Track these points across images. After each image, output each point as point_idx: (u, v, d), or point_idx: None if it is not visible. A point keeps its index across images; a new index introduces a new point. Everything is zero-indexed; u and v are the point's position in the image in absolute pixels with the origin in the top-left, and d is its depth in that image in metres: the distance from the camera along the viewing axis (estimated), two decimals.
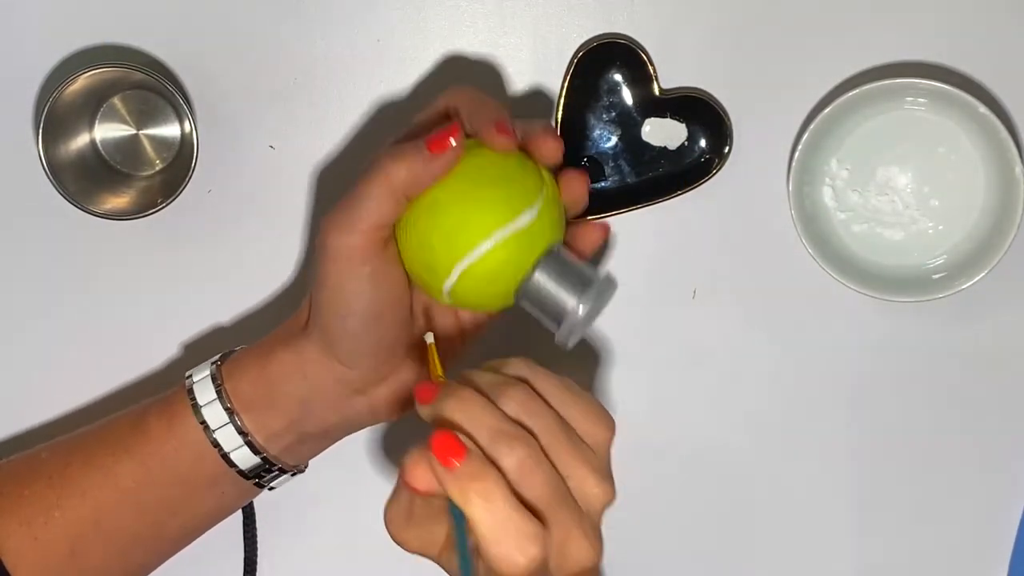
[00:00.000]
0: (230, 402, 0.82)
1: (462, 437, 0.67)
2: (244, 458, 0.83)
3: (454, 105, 0.81)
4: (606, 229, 0.81)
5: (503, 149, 0.77)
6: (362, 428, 0.85)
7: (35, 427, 0.95)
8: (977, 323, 0.94)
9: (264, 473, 0.84)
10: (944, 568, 0.96)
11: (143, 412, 0.84)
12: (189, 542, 0.87)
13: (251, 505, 0.91)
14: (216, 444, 0.82)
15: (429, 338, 0.76)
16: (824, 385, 0.95)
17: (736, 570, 0.97)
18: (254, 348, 0.84)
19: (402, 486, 0.70)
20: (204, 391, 0.83)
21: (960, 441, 0.95)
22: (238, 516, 0.91)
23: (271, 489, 0.86)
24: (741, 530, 0.96)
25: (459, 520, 0.67)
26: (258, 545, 0.93)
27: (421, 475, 0.67)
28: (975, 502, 0.96)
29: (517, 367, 0.71)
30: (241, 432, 0.82)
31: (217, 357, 0.85)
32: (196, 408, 0.82)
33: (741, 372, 0.95)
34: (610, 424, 0.71)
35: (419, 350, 0.82)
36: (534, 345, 0.79)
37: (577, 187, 0.80)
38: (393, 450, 0.95)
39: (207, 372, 0.83)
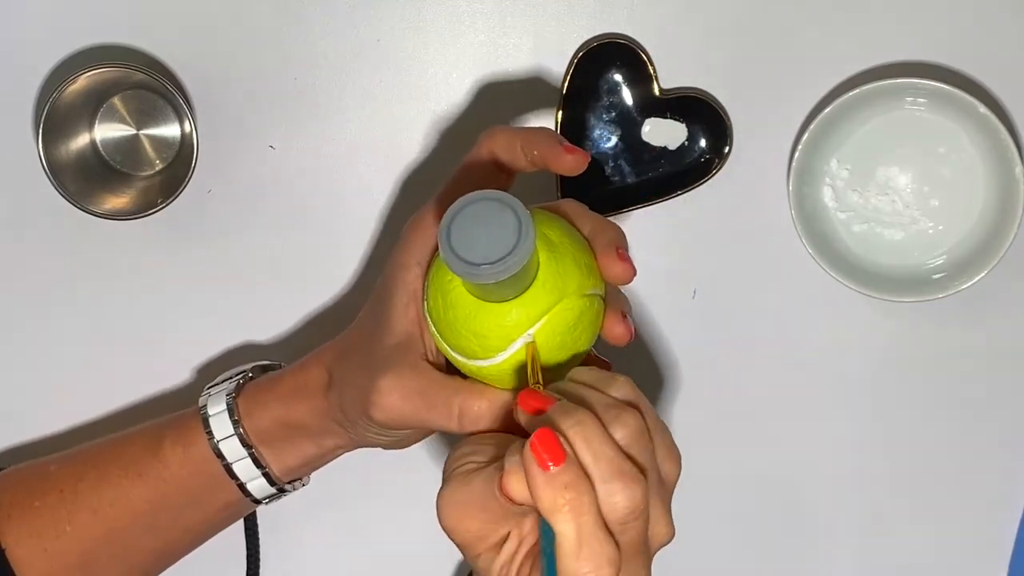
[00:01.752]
0: (249, 440, 0.82)
1: (563, 442, 0.64)
2: (260, 488, 0.83)
3: (495, 150, 0.77)
4: (630, 333, 0.76)
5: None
6: None
7: (34, 428, 0.94)
8: (977, 323, 0.94)
9: (275, 496, 0.85)
10: (944, 568, 0.96)
11: (158, 436, 0.84)
12: (195, 548, 0.87)
13: None
14: (233, 475, 0.82)
15: (528, 336, 0.70)
16: (824, 385, 0.95)
17: (736, 569, 0.97)
18: (273, 389, 0.83)
19: (478, 476, 0.68)
20: (221, 425, 0.82)
21: (960, 441, 0.95)
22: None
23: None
24: (739, 529, 0.96)
25: (547, 532, 0.64)
26: (260, 541, 0.93)
27: (518, 486, 0.64)
28: (975, 502, 0.96)
29: (625, 390, 0.68)
30: (259, 465, 0.82)
31: (232, 387, 0.83)
32: (212, 440, 0.82)
33: (741, 372, 0.95)
34: (680, 462, 0.70)
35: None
36: None
37: (619, 334, 0.74)
38: None
39: (223, 406, 0.83)
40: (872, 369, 0.95)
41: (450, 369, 0.75)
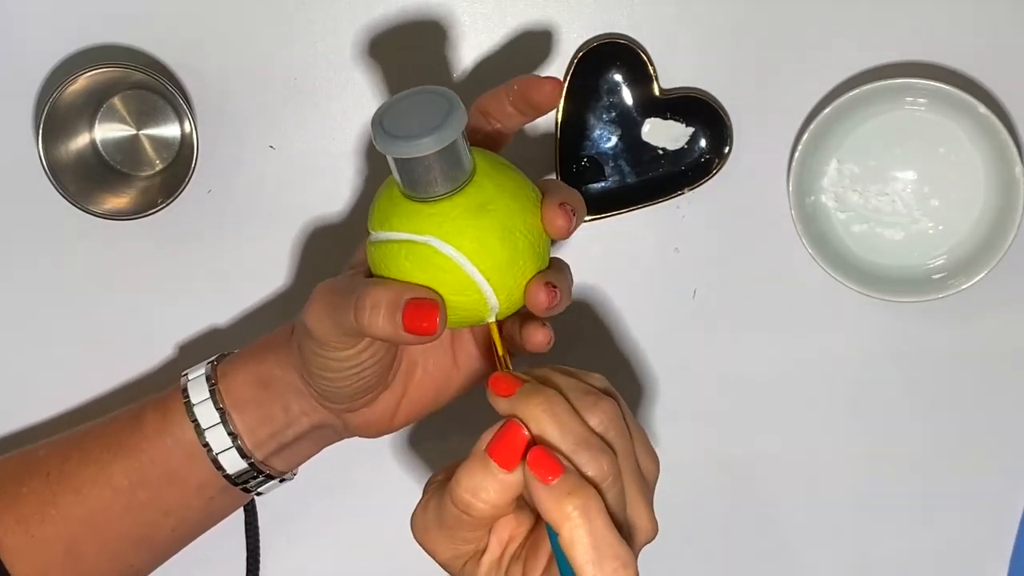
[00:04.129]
0: (222, 402, 0.82)
1: (556, 455, 0.65)
2: (232, 462, 0.83)
3: (483, 104, 0.78)
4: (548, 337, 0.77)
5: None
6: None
7: (34, 426, 0.95)
8: (977, 323, 0.94)
9: (251, 479, 0.84)
10: (944, 568, 0.96)
11: (140, 410, 0.84)
12: (183, 546, 0.87)
13: (252, 500, 0.91)
14: (206, 445, 0.82)
15: (491, 317, 0.72)
16: (824, 385, 0.95)
17: (735, 569, 0.97)
18: (249, 349, 0.84)
19: (432, 498, 0.69)
20: (198, 389, 0.83)
21: (960, 441, 0.95)
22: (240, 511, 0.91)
23: (259, 494, 0.86)
24: (740, 529, 0.96)
25: (555, 540, 0.65)
26: (260, 539, 0.93)
27: (508, 457, 0.66)
28: (975, 502, 0.96)
29: (600, 382, 0.70)
30: (231, 434, 0.82)
31: (215, 357, 0.85)
32: (189, 406, 0.82)
33: (741, 372, 0.95)
34: (658, 462, 0.71)
35: (405, 377, 0.81)
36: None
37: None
38: (394, 444, 0.95)
39: (202, 371, 0.83)
40: (872, 369, 0.95)
41: None
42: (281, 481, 0.86)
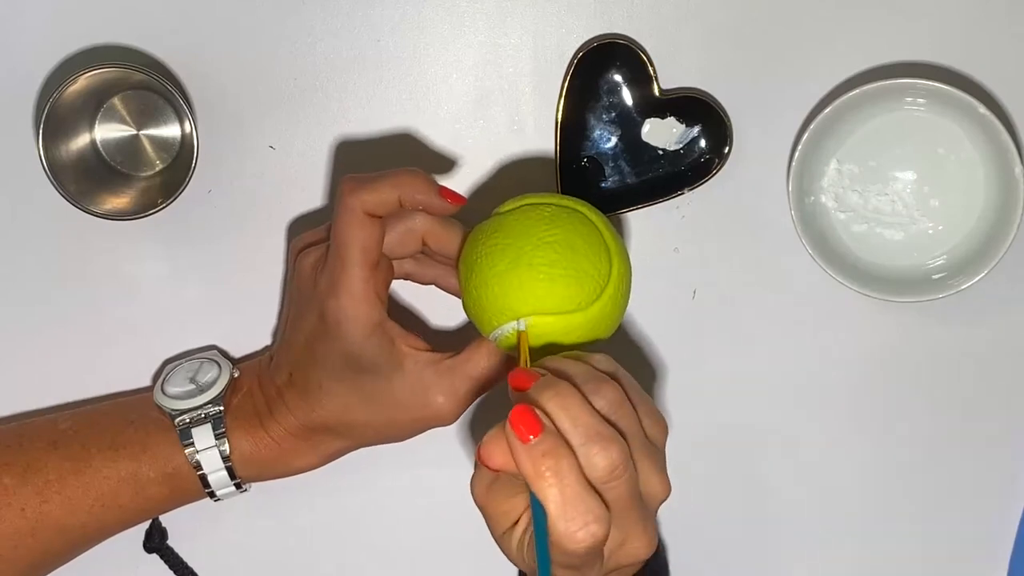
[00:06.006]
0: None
1: (541, 416, 0.68)
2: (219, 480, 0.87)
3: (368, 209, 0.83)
4: None
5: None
6: None
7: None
8: (977, 323, 0.94)
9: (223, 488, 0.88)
10: (944, 568, 0.96)
11: (138, 474, 0.86)
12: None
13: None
14: (197, 464, 0.86)
15: (521, 325, 0.77)
16: (824, 385, 0.95)
17: (735, 569, 0.97)
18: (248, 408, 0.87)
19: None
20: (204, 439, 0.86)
21: (960, 441, 0.95)
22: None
23: (217, 500, 0.88)
24: (742, 530, 0.96)
25: (536, 503, 0.68)
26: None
27: (496, 453, 0.69)
28: (975, 502, 0.96)
29: (604, 363, 0.73)
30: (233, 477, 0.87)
31: (216, 410, 0.87)
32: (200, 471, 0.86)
33: (741, 372, 0.95)
34: (666, 425, 0.74)
35: None
36: None
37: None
38: None
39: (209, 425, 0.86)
40: (872, 369, 0.95)
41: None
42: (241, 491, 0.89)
